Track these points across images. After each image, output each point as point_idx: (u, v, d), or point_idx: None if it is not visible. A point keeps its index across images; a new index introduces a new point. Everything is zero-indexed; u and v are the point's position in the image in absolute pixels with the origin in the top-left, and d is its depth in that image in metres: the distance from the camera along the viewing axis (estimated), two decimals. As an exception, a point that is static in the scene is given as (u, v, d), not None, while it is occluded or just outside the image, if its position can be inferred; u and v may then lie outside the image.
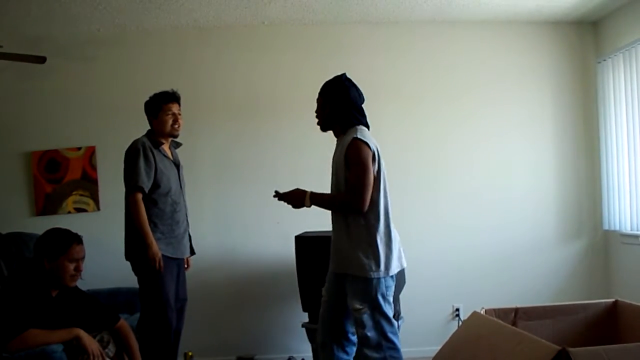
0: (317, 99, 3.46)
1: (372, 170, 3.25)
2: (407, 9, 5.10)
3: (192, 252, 4.19)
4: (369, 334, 3.25)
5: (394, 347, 3.28)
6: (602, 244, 5.50)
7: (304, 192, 3.31)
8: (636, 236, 4.95)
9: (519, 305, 3.13)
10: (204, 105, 5.32)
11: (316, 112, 3.48)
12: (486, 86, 5.46)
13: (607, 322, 3.13)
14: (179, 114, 4.02)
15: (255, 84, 5.36)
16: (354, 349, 3.44)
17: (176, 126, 4.01)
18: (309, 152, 5.21)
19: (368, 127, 3.44)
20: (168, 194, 3.90)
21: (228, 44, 5.38)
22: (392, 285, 3.35)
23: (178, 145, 4.17)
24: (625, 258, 5.20)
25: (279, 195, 3.34)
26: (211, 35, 5.35)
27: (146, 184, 3.78)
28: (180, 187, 4.07)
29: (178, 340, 4.03)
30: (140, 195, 3.77)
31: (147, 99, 4.02)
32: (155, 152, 3.89)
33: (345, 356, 3.44)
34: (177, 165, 4.10)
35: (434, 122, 5.43)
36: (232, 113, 5.35)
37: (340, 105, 3.39)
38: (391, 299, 3.34)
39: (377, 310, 3.26)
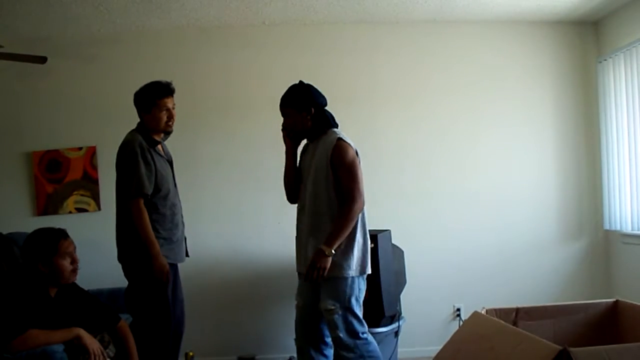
0: (286, 112, 3.46)
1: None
2: (408, 8, 5.10)
3: (187, 254, 4.03)
4: (341, 335, 3.28)
5: (367, 342, 3.34)
6: (603, 244, 5.50)
7: (319, 250, 3.25)
8: (637, 236, 4.95)
9: (520, 305, 3.12)
10: (204, 105, 5.33)
11: (288, 125, 3.48)
12: (487, 86, 5.47)
13: (608, 322, 3.13)
14: (174, 109, 3.78)
15: (256, 84, 5.36)
16: (332, 351, 3.47)
17: (170, 122, 3.77)
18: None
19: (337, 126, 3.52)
20: (167, 197, 3.73)
21: (229, 44, 5.39)
22: (364, 286, 3.37)
23: (167, 136, 3.92)
24: (626, 258, 5.20)
25: (310, 275, 3.27)
26: (212, 35, 5.36)
27: (149, 189, 3.60)
28: (175, 185, 3.89)
29: (180, 344, 3.94)
30: (142, 202, 3.58)
31: (138, 89, 3.78)
32: (152, 152, 3.69)
33: (324, 359, 3.47)
34: (170, 162, 3.92)
35: (434, 122, 5.43)
36: (233, 112, 5.36)
37: (317, 110, 3.42)
38: (362, 301, 3.36)
39: (348, 311, 3.28)
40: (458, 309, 5.34)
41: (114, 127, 4.20)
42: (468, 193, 5.42)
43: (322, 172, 3.33)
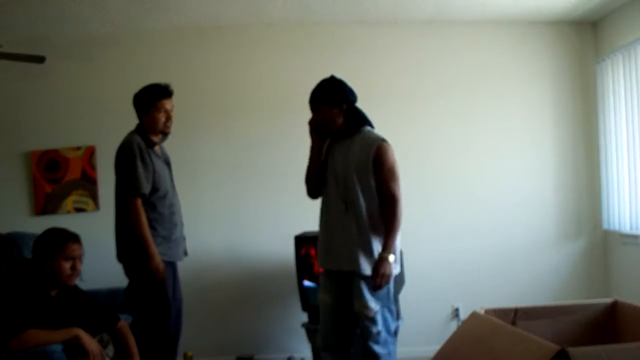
0: (319, 108, 3.35)
1: None
2: (406, 9, 5.10)
3: (185, 253, 4.05)
4: (381, 330, 3.25)
5: (394, 342, 3.33)
6: (601, 244, 5.50)
7: (382, 258, 3.23)
8: (635, 236, 4.95)
9: (518, 305, 3.13)
10: (204, 105, 5.33)
11: (319, 121, 3.38)
12: (485, 86, 5.47)
13: (606, 322, 3.13)
14: (172, 110, 3.82)
15: (257, 84, 5.37)
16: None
17: (168, 124, 3.82)
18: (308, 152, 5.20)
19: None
20: (165, 196, 3.78)
21: (227, 44, 5.39)
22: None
23: (165, 137, 3.96)
24: (625, 258, 5.20)
25: (378, 285, 3.23)
26: (210, 35, 5.36)
27: (147, 189, 3.65)
28: (173, 185, 3.94)
29: (177, 343, 3.96)
30: (140, 201, 3.63)
31: (138, 91, 3.82)
32: (150, 152, 3.74)
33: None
34: (168, 163, 3.97)
35: (433, 122, 5.44)
36: (232, 113, 5.36)
37: (351, 106, 3.38)
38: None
39: (387, 307, 3.29)
40: (457, 309, 5.35)
41: (113, 126, 4.20)
42: (466, 194, 5.43)
43: (361, 171, 3.30)
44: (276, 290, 5.22)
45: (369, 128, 3.44)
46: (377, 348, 3.26)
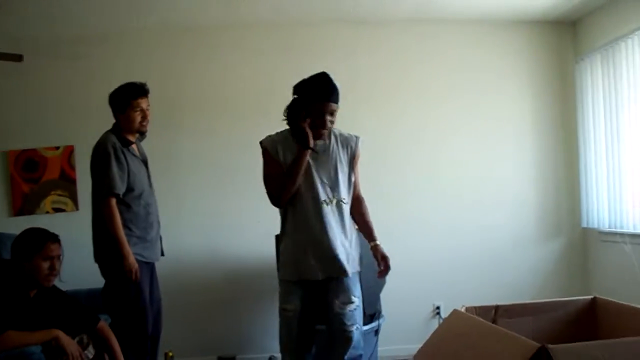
0: (334, 108, 3.18)
1: None
2: (387, 8, 5.12)
3: (162, 254, 4.04)
4: (359, 329, 3.23)
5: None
6: (580, 242, 5.56)
7: (378, 245, 3.31)
8: (614, 234, 4.99)
9: (499, 303, 3.13)
10: (183, 104, 5.31)
11: (331, 124, 3.20)
12: (465, 85, 5.50)
13: (586, 319, 3.15)
14: (148, 109, 3.82)
15: (239, 85, 5.37)
16: None
17: (144, 123, 3.82)
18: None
19: None
20: (141, 196, 3.78)
21: (207, 45, 5.39)
22: None
23: (143, 137, 3.99)
24: (604, 255, 5.25)
25: (385, 273, 3.28)
26: (189, 35, 5.35)
27: (121, 188, 3.66)
28: (150, 185, 3.93)
29: (158, 344, 3.95)
30: (114, 201, 3.64)
31: (113, 90, 3.82)
32: (125, 152, 3.74)
33: None
34: (145, 162, 3.95)
35: (414, 121, 5.46)
36: (211, 112, 5.35)
37: None
38: None
39: (362, 305, 3.29)
40: (438, 307, 5.36)
41: (92, 126, 4.16)
42: (447, 192, 5.45)
43: (343, 166, 3.27)
44: (258, 289, 5.21)
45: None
46: (352, 349, 3.21)
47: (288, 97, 3.37)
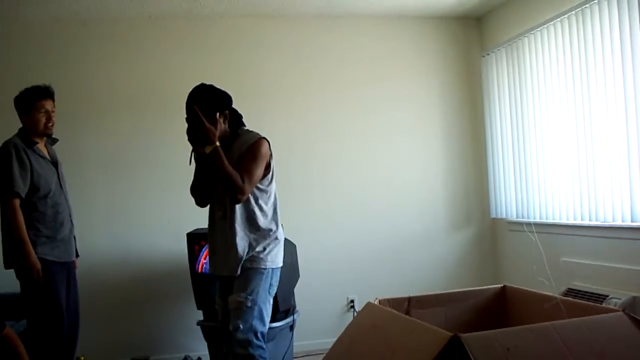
0: (195, 110, 3.06)
1: (264, 166, 3.19)
2: (294, 2, 5.08)
3: (76, 254, 4.02)
4: (241, 326, 3.12)
5: (263, 348, 3.15)
6: (490, 232, 5.71)
7: (213, 140, 3.05)
8: (521, 223, 5.13)
9: (412, 295, 3.16)
10: (88, 101, 5.12)
11: (201, 126, 3.06)
12: (374, 81, 5.54)
13: (496, 307, 3.22)
14: (53, 112, 3.81)
15: (143, 79, 5.21)
16: None
17: (50, 124, 3.79)
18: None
19: None
20: (47, 196, 3.73)
21: (112, 38, 5.18)
22: (277, 281, 3.29)
23: (54, 141, 3.96)
24: (512, 244, 5.41)
25: (194, 120, 3.05)
26: (93, 28, 5.12)
27: (22, 188, 3.61)
28: (61, 186, 3.88)
29: (75, 347, 3.90)
30: (17, 202, 3.60)
31: (18, 93, 3.80)
32: (29, 152, 3.69)
33: None
34: (55, 164, 3.90)
35: (322, 116, 5.46)
36: (118, 110, 5.18)
37: (231, 110, 3.27)
38: (272, 298, 3.26)
39: (256, 306, 3.15)
40: (352, 301, 5.39)
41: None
42: (357, 186, 5.48)
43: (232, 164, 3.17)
44: (170, 288, 5.10)
45: (246, 128, 3.34)
46: (236, 348, 3.14)
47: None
